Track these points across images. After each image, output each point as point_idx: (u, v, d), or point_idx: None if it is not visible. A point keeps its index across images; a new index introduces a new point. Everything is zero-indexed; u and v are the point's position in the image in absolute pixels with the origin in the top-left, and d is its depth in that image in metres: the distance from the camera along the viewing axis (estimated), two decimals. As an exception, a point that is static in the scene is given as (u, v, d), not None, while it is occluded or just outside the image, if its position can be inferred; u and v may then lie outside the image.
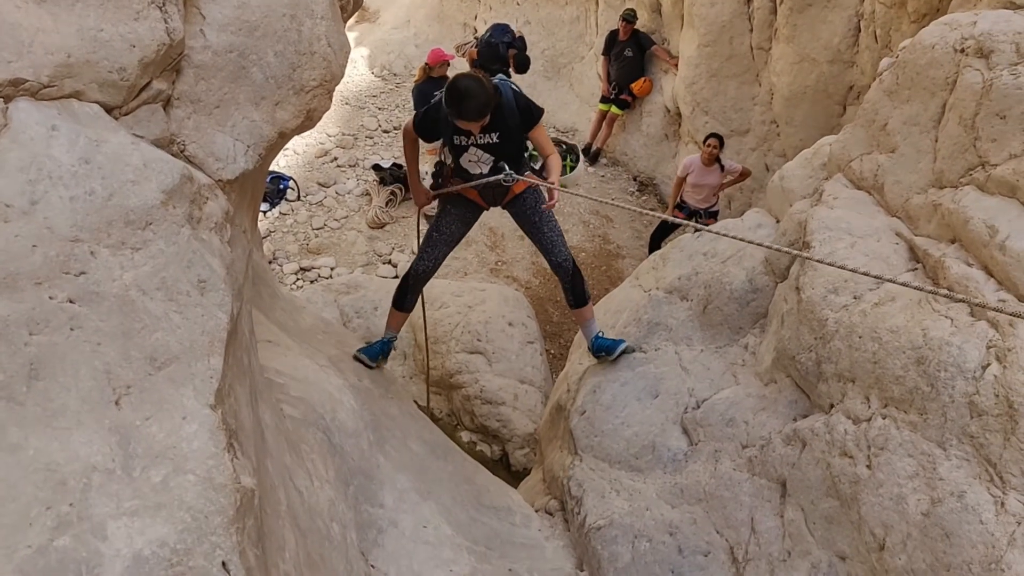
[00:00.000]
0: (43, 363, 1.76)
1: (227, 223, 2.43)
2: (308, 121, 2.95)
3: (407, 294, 4.79)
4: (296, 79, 2.84)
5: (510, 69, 9.80)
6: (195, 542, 1.70)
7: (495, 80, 4.18)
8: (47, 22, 2.16)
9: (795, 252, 2.83)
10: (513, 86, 4.37)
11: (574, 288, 4.72)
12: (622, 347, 4.84)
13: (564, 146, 10.75)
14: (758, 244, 2.86)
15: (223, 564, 1.71)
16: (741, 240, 2.86)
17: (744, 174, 8.66)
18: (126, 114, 2.32)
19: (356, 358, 4.84)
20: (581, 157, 11.04)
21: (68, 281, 1.87)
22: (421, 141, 4.54)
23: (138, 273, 1.99)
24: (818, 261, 2.90)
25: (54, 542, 1.58)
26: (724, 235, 2.99)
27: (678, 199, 8.76)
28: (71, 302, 1.86)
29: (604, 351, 4.90)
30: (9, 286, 1.78)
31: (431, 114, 4.34)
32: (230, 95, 2.63)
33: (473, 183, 4.38)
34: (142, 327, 1.94)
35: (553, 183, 4.15)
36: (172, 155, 2.43)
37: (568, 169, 10.37)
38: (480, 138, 4.21)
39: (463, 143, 4.26)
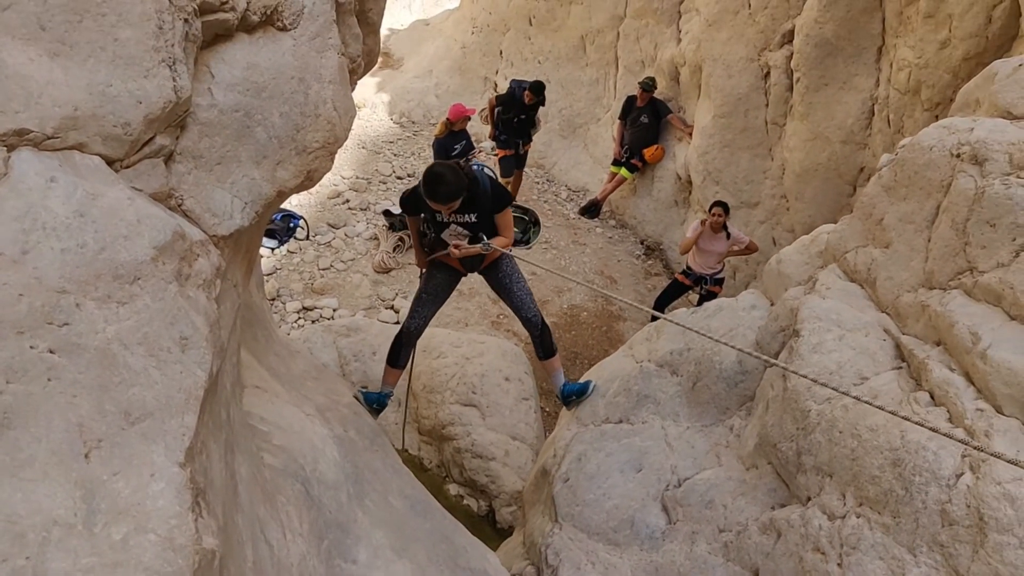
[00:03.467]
0: (16, 412, 1.78)
1: (217, 279, 2.47)
2: (308, 181, 3.00)
3: (400, 351, 5.23)
4: (299, 140, 2.90)
5: (525, 110, 10.49)
6: (148, 604, 1.71)
7: (475, 169, 4.62)
8: (58, 75, 2.22)
9: (766, 359, 2.84)
10: (489, 174, 4.85)
11: (543, 341, 5.31)
12: (592, 387, 5.35)
13: (527, 216, 11.32)
14: (729, 345, 2.87)
15: (174, 627, 1.72)
16: (717, 341, 2.87)
17: (751, 248, 8.69)
18: (127, 167, 2.37)
19: (356, 397, 5.22)
20: (540, 223, 11.38)
21: (51, 332, 1.90)
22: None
23: (121, 327, 2.02)
24: (788, 369, 2.90)
25: (6, 596, 1.59)
26: (703, 335, 3.01)
27: (685, 266, 8.83)
28: (51, 352, 1.88)
29: (575, 394, 5.39)
30: (-9, 333, 1.81)
31: (415, 195, 4.67)
32: (232, 152, 2.69)
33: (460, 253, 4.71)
34: (120, 381, 1.97)
35: (500, 248, 4.68)
36: (169, 208, 2.48)
37: (533, 235, 11.12)
38: (459, 217, 4.61)
39: (444, 220, 4.66)
